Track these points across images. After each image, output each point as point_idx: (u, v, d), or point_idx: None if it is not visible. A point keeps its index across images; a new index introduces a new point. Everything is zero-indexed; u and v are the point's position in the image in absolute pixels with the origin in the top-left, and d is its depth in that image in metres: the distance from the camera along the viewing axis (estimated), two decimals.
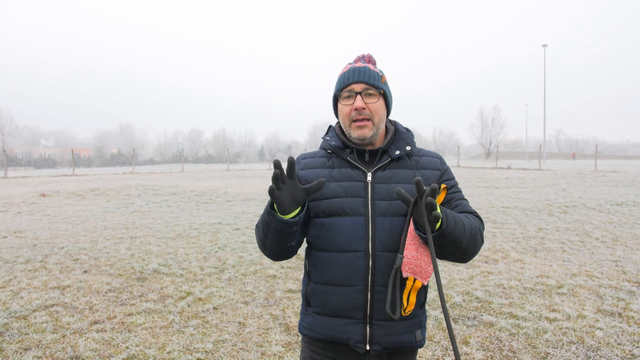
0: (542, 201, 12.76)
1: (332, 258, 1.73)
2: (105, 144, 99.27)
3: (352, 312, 1.72)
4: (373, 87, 1.75)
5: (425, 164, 1.84)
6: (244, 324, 4.34)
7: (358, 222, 1.71)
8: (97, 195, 15.27)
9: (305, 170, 1.85)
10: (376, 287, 1.69)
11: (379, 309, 1.70)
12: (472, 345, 3.83)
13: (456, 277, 5.69)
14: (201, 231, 8.91)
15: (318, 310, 1.78)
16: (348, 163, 1.80)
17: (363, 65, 1.79)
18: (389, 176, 1.77)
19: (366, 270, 1.69)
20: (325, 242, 1.75)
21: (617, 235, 8.14)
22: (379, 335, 1.71)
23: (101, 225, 9.58)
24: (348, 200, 1.73)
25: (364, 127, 1.74)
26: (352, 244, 1.71)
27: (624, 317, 4.37)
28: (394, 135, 1.87)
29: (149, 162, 73.02)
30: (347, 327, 1.72)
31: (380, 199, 1.73)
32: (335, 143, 1.83)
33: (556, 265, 6.23)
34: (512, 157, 77.85)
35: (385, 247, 1.69)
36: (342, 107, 1.78)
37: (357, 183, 1.76)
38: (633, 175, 22.17)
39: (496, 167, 33.75)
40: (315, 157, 1.89)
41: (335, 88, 1.83)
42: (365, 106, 1.73)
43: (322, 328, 1.77)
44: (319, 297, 1.77)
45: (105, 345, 3.87)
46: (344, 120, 1.78)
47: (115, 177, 25.08)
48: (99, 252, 7.10)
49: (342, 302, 1.72)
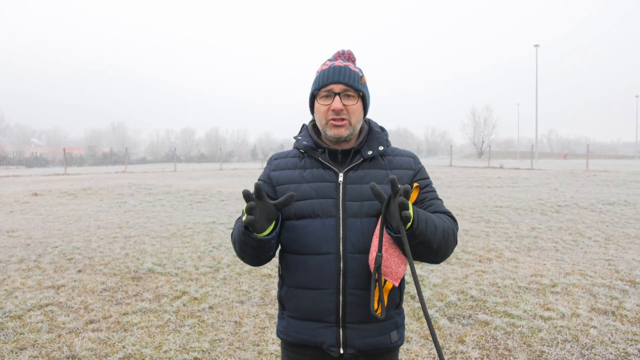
0: (535, 200, 12.85)
1: (303, 261, 1.71)
2: (97, 143, 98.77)
3: (324, 316, 1.70)
4: (352, 88, 1.72)
5: (399, 164, 1.82)
6: (240, 323, 4.34)
7: (329, 224, 1.69)
8: (90, 194, 15.18)
9: (277, 171, 1.83)
10: (348, 290, 1.67)
11: (352, 311, 1.68)
12: (468, 344, 3.85)
13: (451, 276, 5.72)
14: (195, 230, 8.89)
15: (292, 314, 1.77)
16: (320, 163, 1.78)
17: (343, 64, 1.75)
18: (361, 176, 1.74)
19: (337, 272, 1.67)
20: (296, 244, 1.72)
21: (609, 235, 8.22)
22: (352, 338, 1.69)
23: (94, 225, 9.53)
24: (319, 202, 1.71)
25: (340, 126, 1.72)
26: (323, 246, 1.68)
27: (618, 316, 4.41)
28: (368, 134, 1.84)
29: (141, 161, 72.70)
30: (320, 331, 1.71)
31: (351, 200, 1.71)
32: (307, 143, 1.80)
33: (550, 264, 6.27)
34: (504, 157, 78.20)
35: (356, 249, 1.67)
36: (319, 106, 1.75)
37: (328, 184, 1.74)
38: (624, 174, 22.36)
39: (488, 166, 33.91)
40: (287, 157, 1.87)
41: (313, 86, 1.78)
42: (344, 108, 1.70)
43: (296, 332, 1.75)
44: (292, 300, 1.76)
45: (102, 344, 3.86)
46: (320, 119, 1.75)
47: (107, 176, 24.94)
48: (93, 252, 7.06)
49: (314, 306, 1.71)
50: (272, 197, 1.80)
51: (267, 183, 1.84)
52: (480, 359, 3.59)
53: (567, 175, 22.21)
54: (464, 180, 19.92)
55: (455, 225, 1.75)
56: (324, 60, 1.84)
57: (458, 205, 12.16)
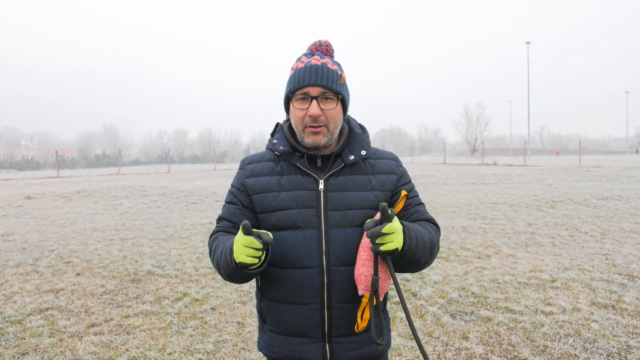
0: (530, 197, 12.92)
1: (284, 275, 1.61)
2: (89, 145, 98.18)
3: (309, 331, 1.62)
4: (331, 91, 1.58)
5: (381, 168, 1.71)
6: (243, 324, 4.33)
7: (311, 236, 1.59)
8: (84, 197, 15.09)
9: (252, 178, 1.69)
10: (333, 304, 1.60)
11: (337, 325, 1.61)
12: (472, 340, 3.86)
13: (451, 273, 5.74)
14: (193, 231, 8.86)
15: (274, 329, 1.68)
16: (298, 169, 1.65)
17: (320, 61, 1.60)
18: (343, 183, 1.63)
19: (321, 286, 1.59)
20: (276, 257, 1.60)
21: (605, 229, 8.28)
22: (339, 352, 1.63)
23: (90, 227, 9.47)
24: (299, 212, 1.60)
25: (318, 133, 1.59)
26: (306, 259, 1.58)
27: (618, 309, 4.45)
28: (348, 136, 1.72)
29: (135, 163, 72.35)
30: (306, 347, 1.63)
31: (333, 209, 1.60)
32: (284, 148, 1.66)
33: (548, 260, 6.31)
34: (497, 154, 78.55)
35: (340, 262, 1.58)
36: (295, 111, 1.60)
37: (309, 192, 1.61)
38: (616, 170, 22.52)
39: (482, 163, 34.06)
40: (262, 161, 1.73)
41: (288, 87, 1.63)
42: (322, 113, 1.57)
43: (279, 348, 1.67)
44: (274, 315, 1.67)
45: (105, 348, 3.84)
46: (297, 125, 1.62)
47: (101, 178, 24.80)
48: (90, 255, 7.02)
49: (298, 321, 1.62)
50: (248, 206, 1.69)
51: (241, 191, 1.71)
52: (485, 354, 3.60)
53: (561, 171, 22.34)
54: (459, 178, 20.00)
55: (439, 233, 1.70)
56: (299, 55, 1.68)
57: (454, 202, 12.20)
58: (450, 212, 10.79)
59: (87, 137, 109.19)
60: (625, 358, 3.49)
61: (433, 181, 18.34)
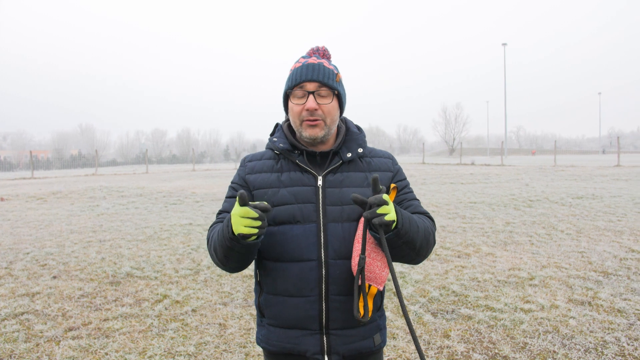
0: (507, 196, 13.11)
1: (284, 268, 1.66)
2: (65, 146, 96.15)
3: (307, 323, 1.66)
4: (327, 86, 1.66)
5: (377, 166, 1.78)
6: (224, 325, 4.30)
7: (309, 230, 1.64)
8: (60, 198, 14.80)
9: (252, 174, 1.76)
10: (331, 297, 1.64)
11: (335, 318, 1.65)
12: (453, 338, 3.90)
13: (431, 272, 5.79)
14: (172, 232, 8.76)
15: (272, 322, 1.72)
16: (297, 166, 1.71)
17: (317, 61, 1.69)
18: (340, 180, 1.70)
19: (319, 279, 1.63)
20: (276, 251, 1.66)
21: (580, 228, 8.45)
22: (336, 344, 1.66)
23: (67, 229, 9.29)
24: (298, 207, 1.65)
25: (315, 126, 1.65)
26: (304, 253, 1.63)
27: (594, 306, 4.54)
28: (345, 135, 1.79)
29: (112, 164, 71.16)
30: (304, 339, 1.67)
31: (331, 204, 1.66)
32: (284, 145, 1.73)
33: (526, 258, 6.41)
34: (475, 154, 79.61)
35: (338, 255, 1.63)
36: (293, 106, 1.68)
37: (307, 188, 1.68)
38: (590, 169, 23.04)
39: (460, 163, 34.46)
40: (262, 159, 1.79)
41: (287, 85, 1.72)
42: (318, 107, 1.64)
43: (277, 341, 1.70)
44: (273, 308, 1.71)
45: (83, 352, 3.76)
46: (295, 119, 1.69)
47: (77, 179, 24.36)
48: (67, 257, 6.88)
49: (296, 313, 1.66)
50: (250, 200, 1.73)
51: (242, 186, 1.76)
52: (466, 352, 3.64)
53: (537, 171, 22.74)
54: (438, 177, 20.20)
55: (434, 226, 1.74)
56: (297, 58, 1.77)
57: (433, 202, 12.32)
58: (429, 211, 10.86)
59: (63, 137, 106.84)
60: (601, 353, 3.57)
61: (412, 181, 18.47)
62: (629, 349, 3.62)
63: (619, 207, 10.64)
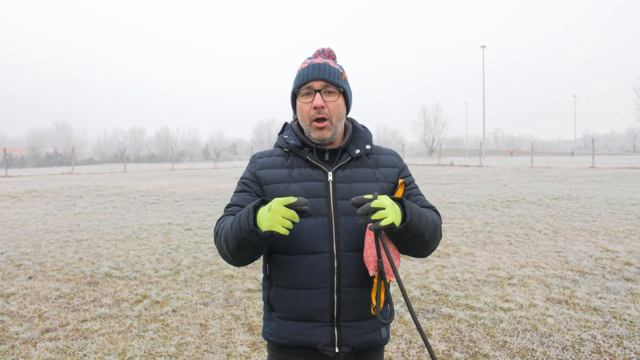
0: (486, 196, 13.29)
1: (295, 261, 1.68)
2: (40, 144, 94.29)
3: (318, 315, 1.68)
4: (333, 84, 1.71)
5: (384, 162, 1.84)
6: (205, 326, 4.26)
7: (321, 223, 1.68)
8: (35, 197, 14.49)
9: (263, 170, 1.79)
10: (342, 288, 1.67)
11: (346, 310, 1.68)
12: (435, 337, 3.94)
13: (412, 271, 5.83)
14: (151, 232, 8.65)
15: (283, 315, 1.73)
16: (307, 163, 1.76)
17: (323, 61, 1.75)
18: (350, 175, 1.75)
19: (332, 271, 1.66)
20: (287, 244, 1.68)
21: (557, 228, 8.61)
22: (347, 337, 1.68)
23: (43, 229, 9.10)
24: (310, 201, 1.69)
25: (322, 128, 1.71)
26: (317, 245, 1.66)
27: (571, 304, 4.63)
28: (353, 133, 1.85)
29: (89, 162, 70.07)
30: (315, 331, 1.68)
31: (342, 199, 1.70)
32: (294, 142, 1.78)
33: (505, 258, 6.51)
34: (454, 154, 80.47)
35: (349, 247, 1.67)
36: (301, 105, 1.74)
37: (318, 183, 1.72)
38: (566, 170, 23.50)
39: (439, 164, 34.81)
40: (272, 156, 1.83)
41: (294, 84, 1.77)
42: (325, 105, 1.69)
43: (288, 333, 1.71)
44: (283, 301, 1.72)
45: (60, 354, 3.69)
46: (304, 119, 1.74)
47: (53, 177, 23.89)
48: (43, 257, 6.74)
49: (308, 306, 1.68)
50: (260, 195, 1.77)
51: (253, 181, 1.79)
52: (447, 351, 3.68)
53: (514, 172, 23.10)
54: (417, 178, 20.34)
55: (440, 219, 1.78)
56: (304, 59, 1.82)
57: None
58: None
59: (38, 136, 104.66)
60: (578, 351, 3.64)
61: None
62: (605, 346, 3.71)
63: (594, 207, 10.88)
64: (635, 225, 8.67)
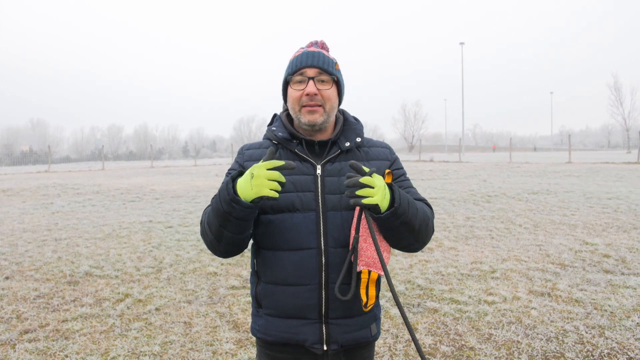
0: (467, 191, 13.42)
1: (282, 257, 1.64)
2: (15, 142, 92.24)
3: (306, 312, 1.64)
4: (327, 72, 1.67)
5: (375, 155, 1.79)
6: (190, 324, 4.20)
7: (309, 218, 1.63)
8: (10, 195, 14.16)
9: (251, 162, 1.73)
10: (330, 285, 1.62)
11: (334, 307, 1.64)
12: (421, 331, 3.95)
13: (396, 266, 5.85)
14: (132, 230, 8.52)
15: (270, 312, 1.69)
16: (296, 155, 1.71)
17: (317, 50, 1.72)
18: (339, 169, 1.69)
19: (319, 267, 1.62)
20: (274, 240, 1.65)
21: (537, 222, 8.73)
22: (335, 334, 1.65)
23: (19, 228, 8.89)
24: (298, 196, 1.64)
25: (314, 112, 1.66)
26: (304, 241, 1.62)
27: (553, 297, 4.70)
28: (343, 125, 1.80)
29: (65, 160, 68.79)
30: (303, 328, 1.65)
31: (330, 193, 1.66)
32: (282, 134, 1.73)
33: (487, 252, 6.57)
34: (433, 150, 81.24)
35: (337, 243, 1.63)
36: (293, 92, 1.69)
37: (307, 177, 1.67)
38: (543, 166, 23.88)
39: (419, 160, 35.05)
40: (260, 147, 1.78)
41: (287, 71, 1.73)
42: (318, 92, 1.65)
43: (276, 331, 1.68)
44: (271, 298, 1.68)
45: (41, 355, 3.60)
46: (294, 105, 1.69)
47: (29, 176, 23.38)
48: (20, 257, 6.58)
49: (295, 303, 1.64)
50: None
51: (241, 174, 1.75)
52: (434, 344, 3.69)
53: (494, 167, 23.39)
54: None
55: (432, 213, 1.73)
56: (297, 49, 1.79)
57: None
58: None
59: (13, 133, 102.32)
60: (562, 342, 3.69)
61: None
62: (587, 336, 3.76)
63: (572, 201, 11.07)
64: (612, 218, 8.85)
